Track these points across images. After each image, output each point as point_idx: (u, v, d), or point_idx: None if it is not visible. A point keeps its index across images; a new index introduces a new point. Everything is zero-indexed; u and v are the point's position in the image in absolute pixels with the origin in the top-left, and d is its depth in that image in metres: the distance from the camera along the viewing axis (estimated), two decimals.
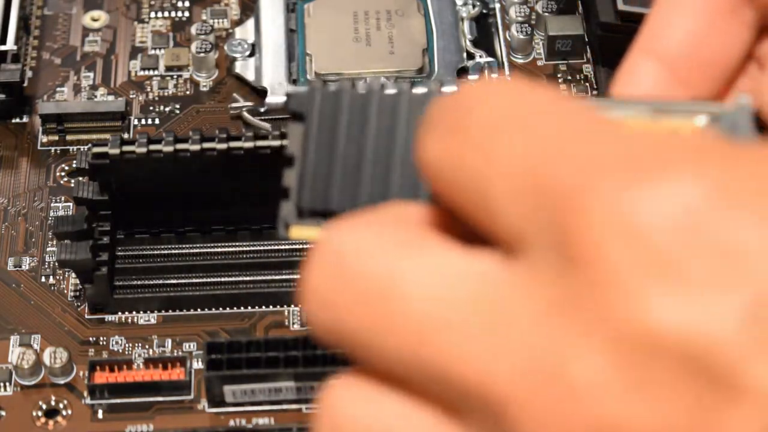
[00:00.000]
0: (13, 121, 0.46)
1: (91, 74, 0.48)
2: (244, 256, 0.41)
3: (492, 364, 0.21)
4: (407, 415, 0.23)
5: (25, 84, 0.47)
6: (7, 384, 0.39)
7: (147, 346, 0.40)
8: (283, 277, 0.41)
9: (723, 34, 0.30)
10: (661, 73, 0.30)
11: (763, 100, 0.28)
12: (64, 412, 0.38)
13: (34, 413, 0.38)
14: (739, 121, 0.27)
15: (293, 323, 0.41)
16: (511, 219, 0.22)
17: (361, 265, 0.23)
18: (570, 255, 0.21)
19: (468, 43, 0.48)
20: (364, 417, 0.23)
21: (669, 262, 0.20)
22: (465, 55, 0.47)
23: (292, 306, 0.41)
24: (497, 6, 0.49)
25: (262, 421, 0.38)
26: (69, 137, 0.46)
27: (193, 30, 0.48)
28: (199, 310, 0.41)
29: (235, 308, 0.41)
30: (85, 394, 0.38)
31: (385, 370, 0.23)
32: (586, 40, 0.48)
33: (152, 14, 0.50)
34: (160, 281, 0.41)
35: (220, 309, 0.41)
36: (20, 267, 0.42)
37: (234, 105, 0.46)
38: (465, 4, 0.49)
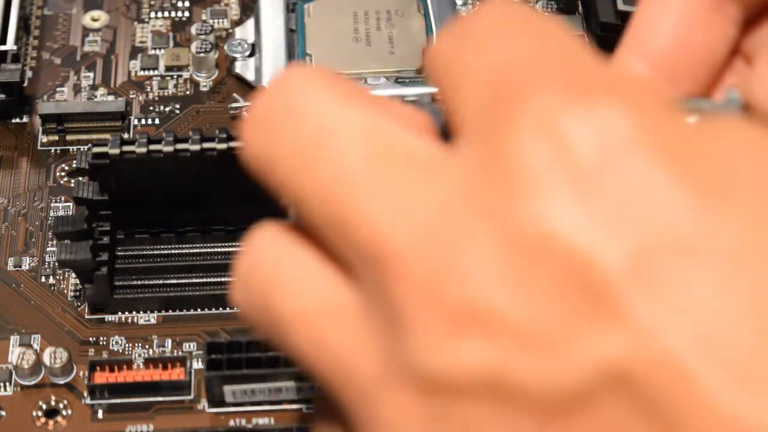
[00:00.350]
0: (13, 121, 0.46)
1: (91, 74, 0.48)
2: None
3: (389, 224, 0.22)
4: (307, 266, 0.24)
5: (25, 84, 0.47)
6: (7, 384, 0.39)
7: (147, 346, 0.40)
8: None
9: (708, 30, 0.30)
10: (648, 72, 0.30)
11: (750, 94, 0.28)
12: (64, 412, 0.38)
13: (34, 413, 0.38)
14: (729, 115, 0.27)
15: None
16: (466, 109, 0.23)
17: (309, 101, 0.24)
18: (495, 148, 0.22)
19: None
20: (271, 262, 0.25)
21: (581, 181, 0.21)
22: None
23: None
24: None
25: (262, 421, 0.38)
26: (69, 137, 0.46)
27: (193, 30, 0.48)
28: (199, 310, 0.41)
29: (235, 308, 0.41)
30: (85, 394, 0.38)
31: (304, 212, 0.24)
32: (586, 40, 0.48)
33: (152, 14, 0.50)
34: (160, 281, 0.41)
35: (220, 309, 0.41)
36: (20, 267, 0.42)
37: (234, 105, 0.46)
38: (465, 4, 0.49)
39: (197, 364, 0.39)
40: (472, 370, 0.21)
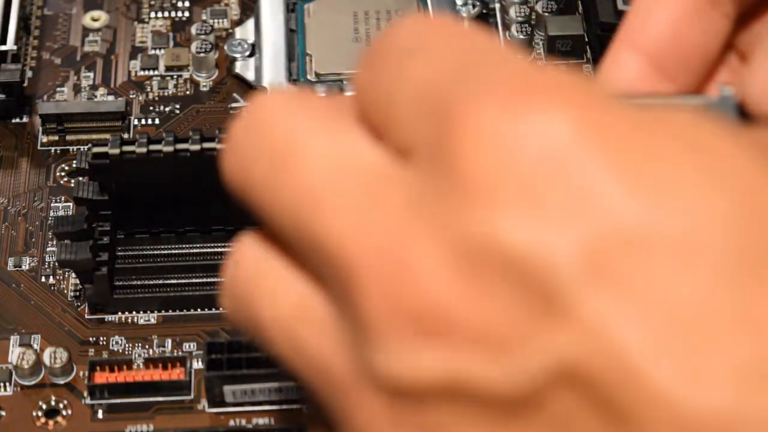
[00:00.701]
0: (13, 121, 0.46)
1: (91, 74, 0.48)
2: None
3: (350, 237, 0.23)
4: (282, 274, 0.26)
5: (25, 84, 0.47)
6: (7, 384, 0.39)
7: (147, 346, 0.40)
8: None
9: (703, 25, 0.30)
10: (643, 66, 0.30)
11: (744, 91, 0.28)
12: (64, 412, 0.38)
13: (34, 413, 0.38)
14: (723, 111, 0.27)
15: None
16: (407, 128, 0.23)
17: (274, 126, 0.25)
18: (443, 161, 0.22)
19: None
20: (251, 271, 0.26)
21: (526, 186, 0.21)
22: None
23: None
24: (497, 6, 0.49)
25: (262, 421, 0.38)
26: (69, 137, 0.46)
27: (193, 30, 0.48)
28: (199, 310, 0.41)
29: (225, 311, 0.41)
30: (85, 394, 0.38)
31: (276, 228, 0.25)
32: (586, 40, 0.48)
33: (152, 14, 0.50)
34: (160, 281, 0.41)
35: (220, 309, 0.41)
36: (20, 267, 0.42)
37: (234, 105, 0.46)
38: (465, 4, 0.49)
39: (197, 364, 0.39)
40: (431, 375, 0.22)
